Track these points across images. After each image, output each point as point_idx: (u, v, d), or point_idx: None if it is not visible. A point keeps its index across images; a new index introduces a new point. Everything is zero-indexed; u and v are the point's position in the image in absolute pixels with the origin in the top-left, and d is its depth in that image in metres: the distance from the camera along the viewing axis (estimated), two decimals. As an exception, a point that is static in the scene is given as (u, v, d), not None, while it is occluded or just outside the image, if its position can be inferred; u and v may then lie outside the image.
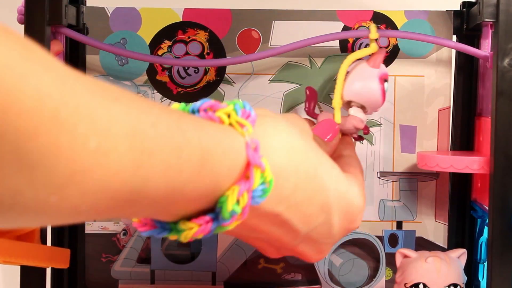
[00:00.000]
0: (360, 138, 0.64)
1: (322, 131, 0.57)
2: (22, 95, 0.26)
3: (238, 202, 0.37)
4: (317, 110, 0.65)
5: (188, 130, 0.35)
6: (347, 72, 0.62)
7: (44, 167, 0.27)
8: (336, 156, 0.55)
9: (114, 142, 0.30)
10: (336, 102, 0.60)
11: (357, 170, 0.52)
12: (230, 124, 0.39)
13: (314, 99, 0.65)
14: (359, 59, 0.63)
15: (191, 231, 0.37)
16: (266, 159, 0.39)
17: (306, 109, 0.65)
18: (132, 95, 0.33)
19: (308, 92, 0.65)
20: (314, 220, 0.45)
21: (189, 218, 0.38)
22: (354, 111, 0.61)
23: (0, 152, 0.26)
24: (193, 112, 0.39)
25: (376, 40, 0.63)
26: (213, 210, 0.38)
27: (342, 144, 0.58)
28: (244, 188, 0.37)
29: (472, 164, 0.62)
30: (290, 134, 0.43)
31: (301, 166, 0.43)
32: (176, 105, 0.40)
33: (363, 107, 0.61)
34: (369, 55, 0.63)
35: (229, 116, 0.39)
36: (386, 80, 0.62)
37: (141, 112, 0.32)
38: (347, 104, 0.62)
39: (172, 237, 0.38)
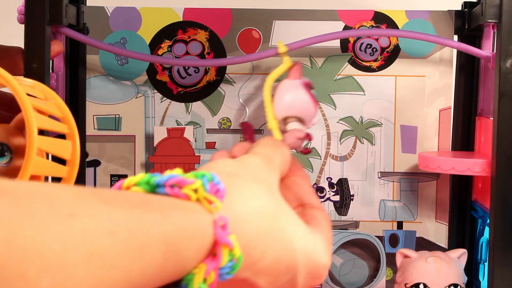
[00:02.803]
0: (307, 151, 0.63)
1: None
2: None
3: (205, 279, 0.36)
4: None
5: (151, 226, 0.33)
6: (272, 95, 0.62)
7: None
8: (299, 204, 0.53)
9: (70, 270, 0.28)
10: (271, 123, 0.60)
11: (324, 223, 0.51)
12: (198, 200, 0.38)
13: (251, 132, 0.66)
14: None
15: None
16: (234, 236, 0.38)
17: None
18: (90, 197, 0.32)
19: (243, 127, 0.65)
20: (280, 279, 0.44)
21: None
22: (292, 125, 0.61)
23: None
24: (158, 186, 0.37)
25: (286, 54, 0.64)
26: (179, 282, 0.37)
27: (297, 184, 0.55)
28: (212, 266, 0.36)
29: (473, 166, 0.62)
30: (258, 198, 0.42)
31: (269, 232, 0.42)
32: (140, 177, 0.38)
33: (300, 120, 0.61)
34: (287, 71, 0.63)
35: (196, 191, 0.38)
36: (311, 88, 0.62)
37: (98, 222, 0.31)
38: (283, 122, 0.61)
39: None
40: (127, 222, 0.32)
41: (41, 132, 0.46)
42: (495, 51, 0.63)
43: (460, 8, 0.71)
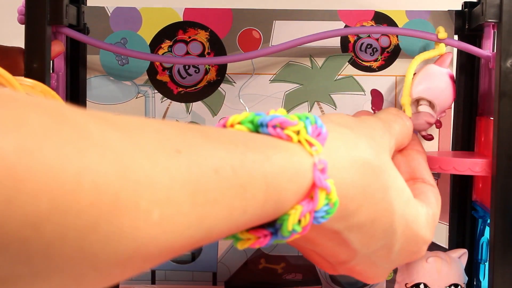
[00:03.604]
0: (430, 137, 0.64)
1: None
2: (80, 195, 0.25)
3: (299, 221, 0.36)
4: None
5: (253, 165, 0.34)
6: (414, 73, 0.64)
7: (107, 253, 0.27)
8: (411, 177, 0.53)
9: (177, 204, 0.29)
10: (405, 99, 0.61)
11: (433, 201, 0.50)
12: (299, 141, 0.38)
13: (381, 101, 0.67)
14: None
15: (248, 241, 0.37)
16: (332, 181, 0.38)
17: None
18: (194, 134, 0.32)
19: (373, 94, 0.66)
20: (374, 243, 0.43)
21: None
22: (423, 108, 0.61)
23: (62, 251, 0.25)
24: (261, 125, 0.38)
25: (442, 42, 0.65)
26: (273, 223, 0.37)
27: (414, 160, 0.55)
28: (307, 208, 0.36)
29: (474, 166, 0.62)
30: (363, 151, 0.42)
31: (369, 187, 0.41)
32: (244, 116, 0.38)
33: (432, 105, 0.62)
34: (436, 56, 0.65)
35: (298, 133, 0.38)
36: (454, 81, 0.64)
37: (203, 159, 0.31)
38: (416, 103, 0.62)
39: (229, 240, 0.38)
40: (231, 160, 0.32)
41: (42, 132, 0.46)
42: (495, 51, 0.63)
43: (460, 8, 0.71)
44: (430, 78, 0.63)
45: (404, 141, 0.52)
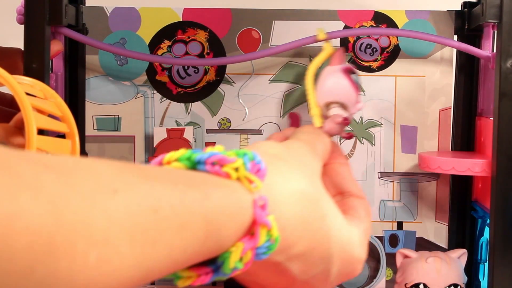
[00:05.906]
0: (349, 136, 0.63)
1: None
2: (13, 238, 0.24)
3: (241, 258, 0.36)
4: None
5: (193, 204, 0.33)
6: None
7: None
8: (338, 192, 0.53)
9: (115, 246, 0.29)
10: (314, 110, 0.61)
11: (362, 214, 0.50)
12: (238, 179, 0.37)
13: (298, 123, 0.68)
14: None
15: (189, 279, 0.36)
16: (273, 216, 0.38)
17: None
18: (132, 173, 0.32)
19: (291, 118, 0.68)
20: (313, 270, 0.44)
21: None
22: (334, 111, 0.61)
23: None
24: (199, 163, 0.37)
25: (327, 41, 0.64)
26: (215, 260, 0.37)
27: (339, 172, 0.55)
28: (249, 246, 0.36)
29: (474, 166, 0.62)
30: (300, 182, 0.42)
31: (308, 218, 0.42)
32: (181, 153, 0.38)
33: (342, 106, 0.62)
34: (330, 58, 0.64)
35: (237, 169, 0.37)
36: (352, 72, 0.62)
37: (142, 199, 0.31)
38: (326, 108, 0.62)
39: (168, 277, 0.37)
40: (170, 199, 0.32)
41: (41, 132, 0.46)
42: (495, 51, 0.63)
43: (459, 8, 0.71)
44: (326, 80, 0.62)
45: (326, 157, 0.52)
